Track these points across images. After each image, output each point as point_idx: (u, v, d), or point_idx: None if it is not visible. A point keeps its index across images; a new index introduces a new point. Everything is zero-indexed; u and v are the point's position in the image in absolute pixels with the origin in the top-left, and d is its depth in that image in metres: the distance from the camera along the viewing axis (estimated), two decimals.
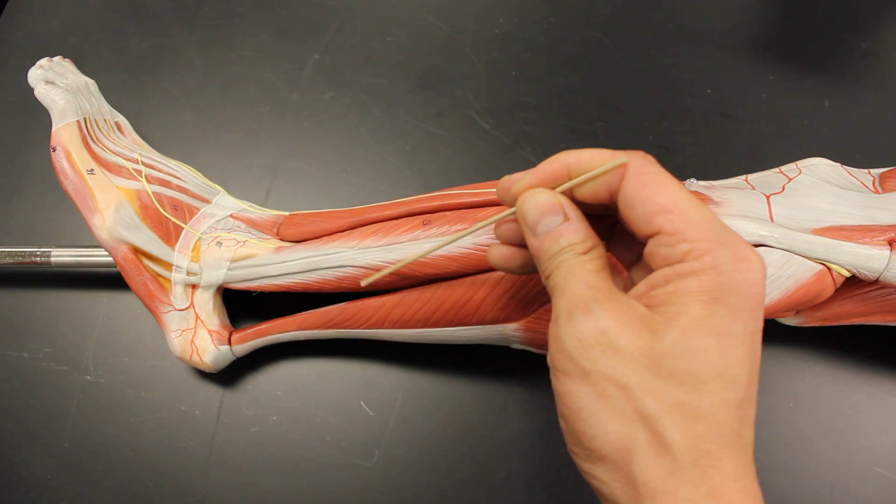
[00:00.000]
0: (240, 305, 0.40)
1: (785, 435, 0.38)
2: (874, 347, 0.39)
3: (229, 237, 0.37)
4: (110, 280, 0.42)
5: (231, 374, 0.40)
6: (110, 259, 0.37)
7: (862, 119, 0.47)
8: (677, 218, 0.22)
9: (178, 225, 0.37)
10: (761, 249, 0.32)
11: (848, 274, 0.32)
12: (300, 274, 0.35)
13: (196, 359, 0.37)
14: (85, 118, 0.38)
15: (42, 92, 0.38)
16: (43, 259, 0.40)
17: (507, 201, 0.27)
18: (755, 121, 0.47)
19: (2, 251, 0.40)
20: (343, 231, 0.36)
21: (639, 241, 0.24)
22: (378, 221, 0.36)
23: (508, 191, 0.26)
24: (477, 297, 0.34)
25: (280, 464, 0.38)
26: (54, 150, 0.37)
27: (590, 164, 0.24)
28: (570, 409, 0.22)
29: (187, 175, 0.39)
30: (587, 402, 0.22)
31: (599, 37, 0.51)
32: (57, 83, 0.38)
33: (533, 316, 0.34)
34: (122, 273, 0.36)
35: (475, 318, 0.34)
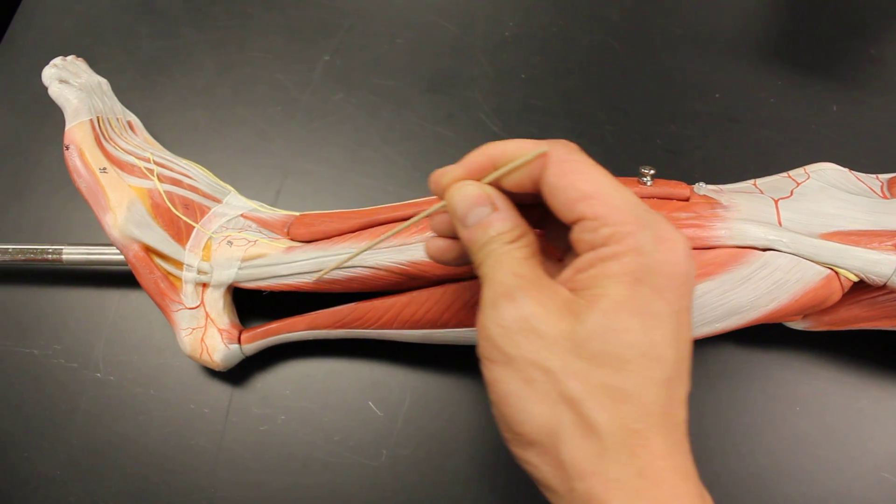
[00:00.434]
0: (250, 305, 0.40)
1: (791, 439, 0.38)
2: (881, 352, 0.39)
3: (240, 236, 0.37)
4: (121, 278, 0.42)
5: (240, 373, 0.40)
6: (121, 257, 0.37)
7: (870, 124, 0.47)
8: (599, 203, 0.22)
9: (190, 224, 0.37)
10: (769, 254, 0.32)
11: (856, 279, 0.32)
12: (310, 274, 0.36)
13: (206, 357, 0.37)
14: (98, 117, 0.38)
15: (56, 91, 0.38)
16: (54, 256, 0.40)
17: (439, 194, 0.27)
18: (763, 125, 0.47)
19: (14, 248, 0.40)
20: (353, 232, 0.36)
21: (568, 228, 0.24)
22: (388, 222, 0.36)
23: (439, 184, 0.27)
24: None
25: (288, 463, 0.38)
26: (67, 149, 0.37)
27: (513, 155, 0.25)
28: (499, 396, 0.23)
29: (198, 174, 0.40)
30: (513, 388, 0.22)
31: (608, 40, 0.51)
32: (70, 82, 0.39)
33: None
34: (133, 271, 0.36)
35: None
